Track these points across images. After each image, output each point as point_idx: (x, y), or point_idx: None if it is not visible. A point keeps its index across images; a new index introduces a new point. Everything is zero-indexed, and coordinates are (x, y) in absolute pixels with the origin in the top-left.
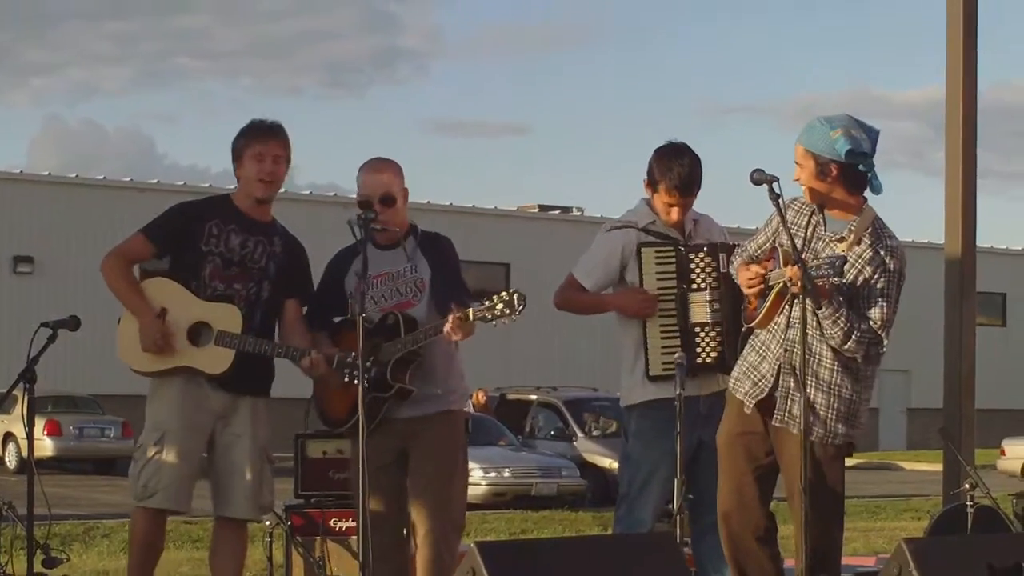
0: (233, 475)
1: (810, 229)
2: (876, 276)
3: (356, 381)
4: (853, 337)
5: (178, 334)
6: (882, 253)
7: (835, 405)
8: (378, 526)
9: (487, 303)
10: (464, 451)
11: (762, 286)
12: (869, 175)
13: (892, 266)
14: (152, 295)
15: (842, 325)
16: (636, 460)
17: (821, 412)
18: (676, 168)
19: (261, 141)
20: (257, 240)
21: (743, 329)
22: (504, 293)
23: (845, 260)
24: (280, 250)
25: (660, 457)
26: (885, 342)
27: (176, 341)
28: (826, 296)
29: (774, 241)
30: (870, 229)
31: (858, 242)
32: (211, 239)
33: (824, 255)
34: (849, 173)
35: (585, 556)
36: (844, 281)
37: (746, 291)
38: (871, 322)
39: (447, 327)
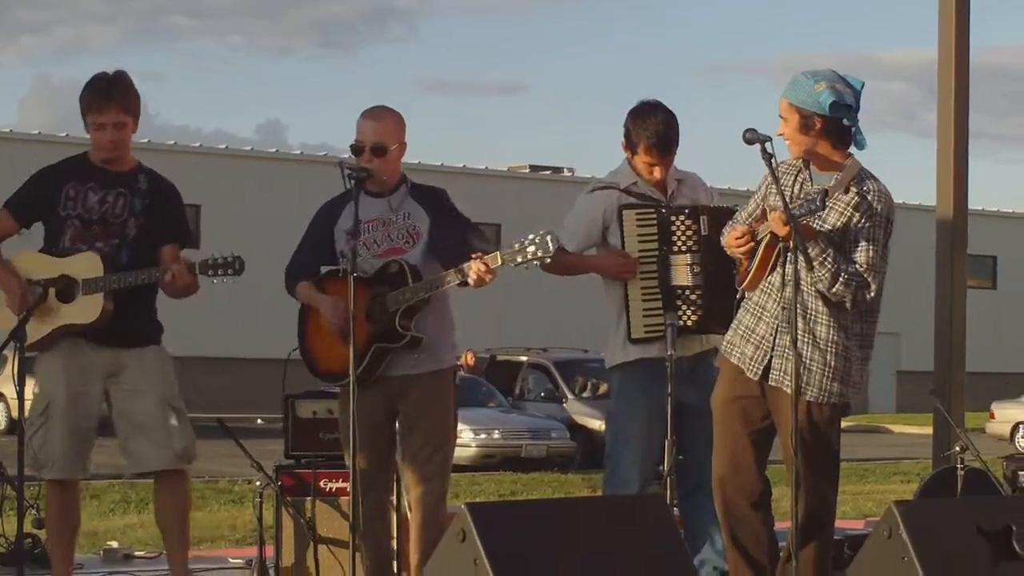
0: (136, 430)
1: (797, 187)
2: (862, 220)
3: (224, 279)
4: (840, 279)
5: (48, 297)
6: (869, 198)
7: (831, 363)
8: (368, 486)
9: (516, 246)
10: (455, 410)
11: (751, 244)
12: (853, 129)
13: (878, 209)
14: (20, 268)
15: (829, 266)
16: (617, 418)
17: (816, 370)
18: (652, 126)
19: (97, 110)
20: (117, 193)
21: (737, 296)
22: (533, 235)
23: (826, 193)
24: (144, 197)
25: (641, 415)
26: (873, 287)
27: (47, 304)
28: (811, 236)
29: (763, 205)
30: (855, 178)
31: (845, 191)
32: (68, 202)
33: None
34: (833, 127)
35: (576, 517)
36: (829, 226)
37: (735, 252)
38: (857, 265)
39: (472, 274)
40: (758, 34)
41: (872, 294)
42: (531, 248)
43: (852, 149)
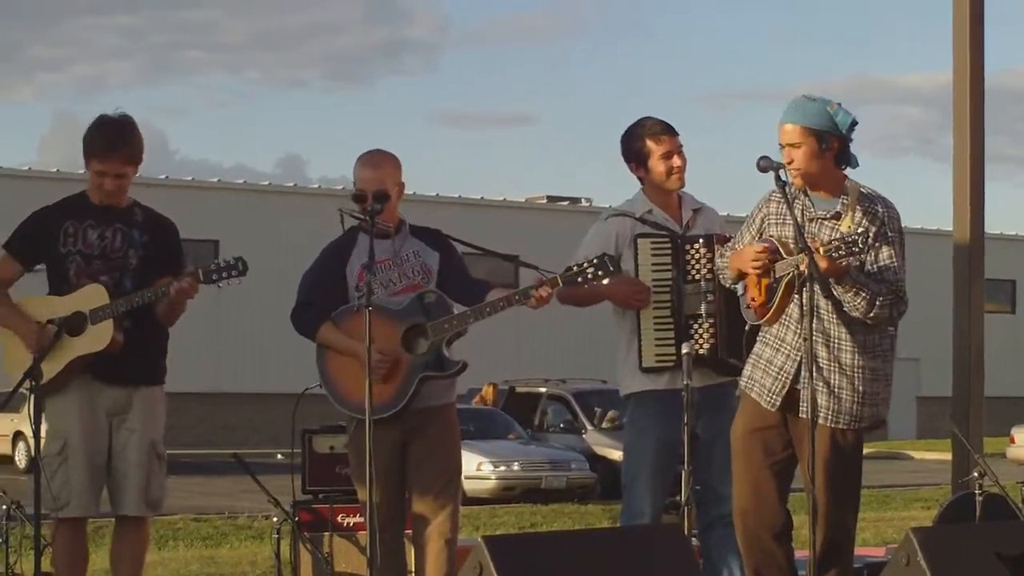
0: (126, 472)
1: (798, 213)
2: (880, 237)
3: (229, 282)
4: (877, 303)
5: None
6: (879, 214)
7: (859, 388)
8: (385, 520)
9: (575, 268)
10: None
11: (767, 263)
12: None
13: (892, 225)
14: (29, 312)
15: (865, 295)
16: (629, 451)
17: (846, 398)
18: (644, 123)
19: (100, 157)
20: (115, 229)
21: (747, 328)
22: (593, 258)
23: (867, 237)
24: (142, 232)
25: (651, 447)
26: (905, 299)
27: (57, 340)
28: (843, 272)
29: (760, 236)
30: (860, 198)
31: (855, 212)
32: (68, 239)
33: (825, 236)
34: (843, 147)
35: (592, 549)
36: (862, 257)
37: (751, 270)
38: (888, 284)
39: (536, 297)
40: (770, 61)
41: (905, 307)
42: (590, 270)
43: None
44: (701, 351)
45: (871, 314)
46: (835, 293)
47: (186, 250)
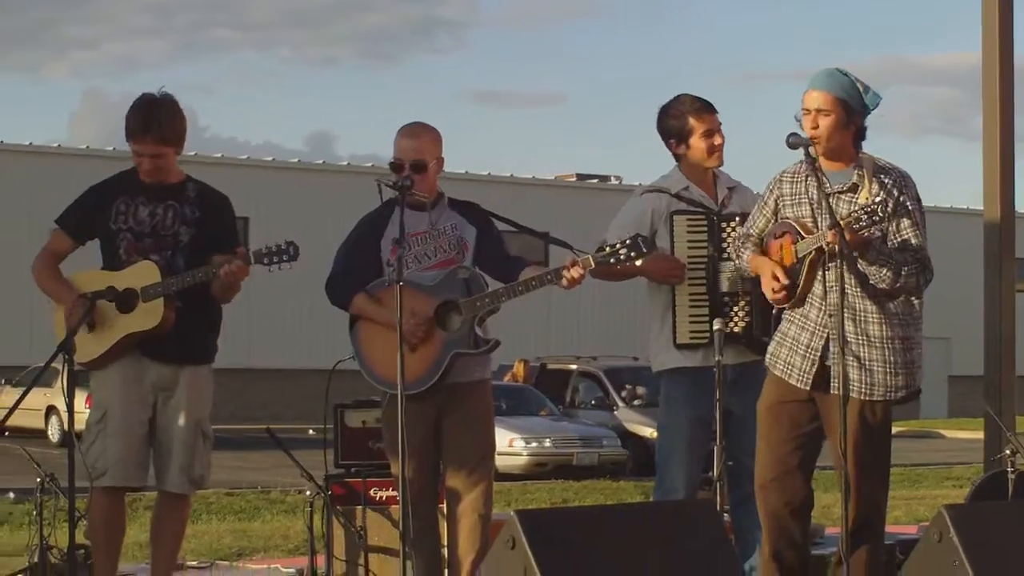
0: (171, 449)
1: (812, 190)
2: (899, 207)
3: (280, 267)
4: (903, 272)
5: (107, 310)
6: (896, 184)
7: (890, 359)
8: (419, 495)
9: (607, 249)
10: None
11: (787, 283)
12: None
13: (908, 193)
14: (78, 285)
15: (891, 266)
16: (663, 428)
17: (878, 370)
18: (685, 100)
19: (136, 140)
20: (167, 206)
21: (774, 310)
22: (627, 239)
23: (886, 205)
24: (195, 207)
25: (685, 424)
26: (930, 265)
27: (107, 317)
28: (867, 244)
29: (775, 217)
30: (876, 170)
31: (871, 183)
32: (119, 216)
33: (843, 210)
34: (863, 123)
35: (625, 524)
36: (883, 227)
37: (773, 297)
38: (912, 252)
39: (568, 278)
40: (799, 41)
41: (931, 274)
42: (623, 251)
43: None
44: (736, 329)
45: (898, 284)
46: (860, 267)
47: None
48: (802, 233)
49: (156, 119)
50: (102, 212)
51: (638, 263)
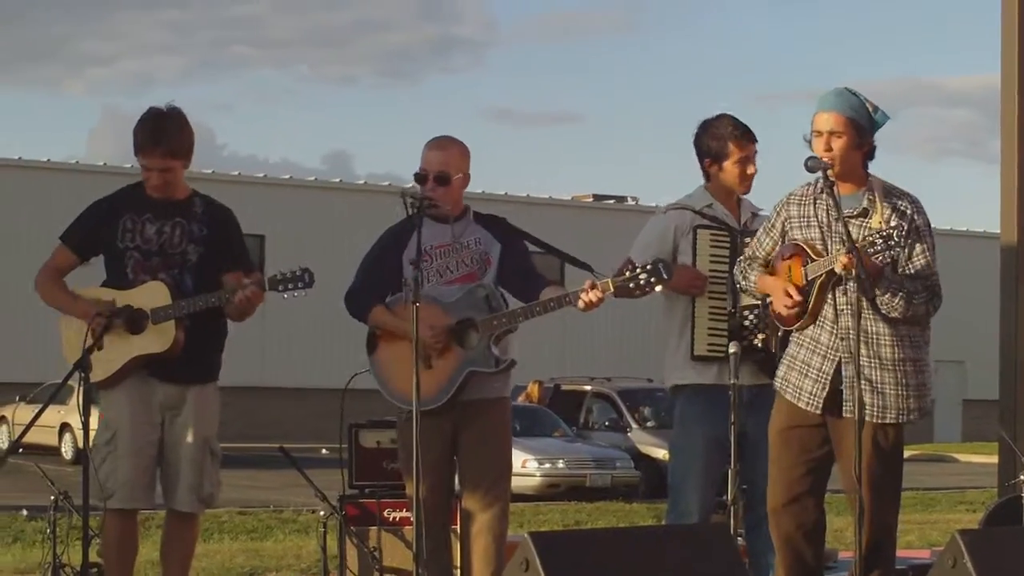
0: (179, 468)
1: (822, 213)
2: (912, 233)
3: (295, 293)
4: (915, 300)
5: (117, 330)
6: (908, 209)
7: (903, 381)
8: (432, 515)
9: (627, 273)
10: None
11: (800, 299)
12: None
13: (919, 219)
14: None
15: (903, 294)
16: (676, 450)
17: (890, 392)
18: (726, 123)
19: (144, 153)
20: (174, 223)
21: (779, 332)
22: (648, 264)
23: (903, 229)
24: (202, 225)
25: (701, 444)
26: (940, 291)
27: (117, 337)
28: (879, 272)
29: (783, 239)
30: (886, 194)
31: (883, 208)
32: (126, 234)
33: (854, 234)
34: (873, 146)
35: (640, 547)
36: (896, 251)
37: (783, 311)
38: (923, 280)
39: (585, 300)
40: (817, 61)
41: (940, 301)
42: (643, 276)
43: None
44: (755, 342)
45: (908, 312)
46: (875, 293)
47: None
48: (812, 255)
49: (164, 132)
50: (108, 228)
51: (658, 289)
